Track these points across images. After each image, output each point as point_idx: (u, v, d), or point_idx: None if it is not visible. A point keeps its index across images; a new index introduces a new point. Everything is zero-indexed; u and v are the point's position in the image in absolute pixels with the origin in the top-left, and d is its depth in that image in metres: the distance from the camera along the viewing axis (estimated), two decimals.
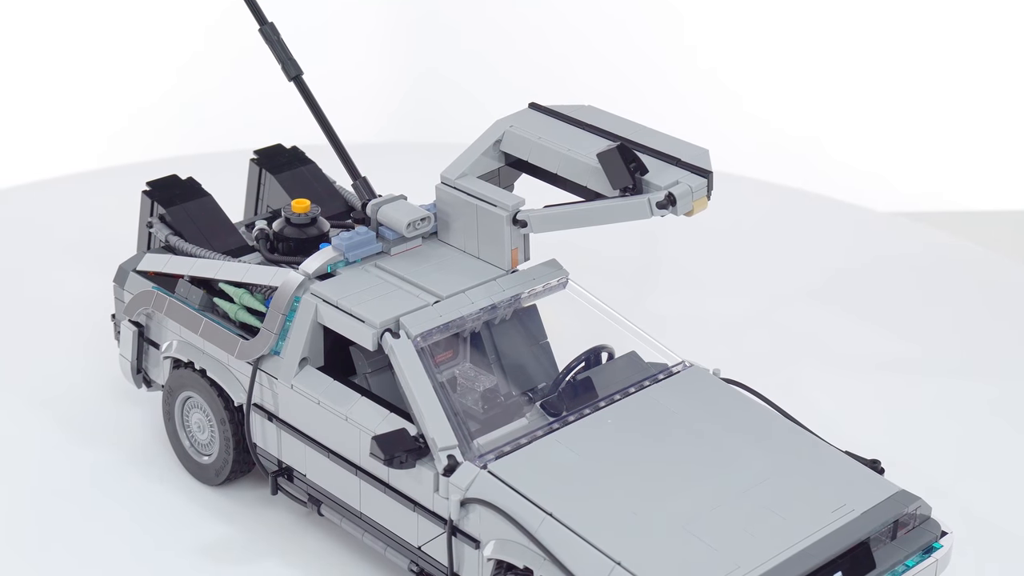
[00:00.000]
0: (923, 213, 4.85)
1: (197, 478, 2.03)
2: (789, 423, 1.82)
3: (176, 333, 1.98)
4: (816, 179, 4.08)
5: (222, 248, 2.03)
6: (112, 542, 1.94)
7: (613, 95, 2.86)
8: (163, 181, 2.12)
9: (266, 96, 3.32)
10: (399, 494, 1.75)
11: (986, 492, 2.07)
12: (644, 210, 1.78)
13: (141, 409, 2.17)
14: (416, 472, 1.72)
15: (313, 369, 1.83)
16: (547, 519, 1.62)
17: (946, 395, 2.31)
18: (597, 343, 1.90)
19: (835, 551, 1.62)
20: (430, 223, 1.91)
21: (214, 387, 1.95)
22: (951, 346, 2.46)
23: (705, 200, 1.81)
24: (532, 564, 1.63)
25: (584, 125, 1.91)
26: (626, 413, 1.79)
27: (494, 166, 1.96)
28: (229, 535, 1.95)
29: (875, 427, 2.19)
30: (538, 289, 1.87)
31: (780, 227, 2.85)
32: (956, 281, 2.67)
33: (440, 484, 1.70)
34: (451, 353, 1.89)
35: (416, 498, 1.74)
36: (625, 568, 1.56)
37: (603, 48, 5.08)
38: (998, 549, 1.97)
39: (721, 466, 1.72)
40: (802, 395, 2.12)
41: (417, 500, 1.74)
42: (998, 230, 4.93)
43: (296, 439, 1.86)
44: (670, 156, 1.83)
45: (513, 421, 1.82)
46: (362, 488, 1.80)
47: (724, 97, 5.12)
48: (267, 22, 2.02)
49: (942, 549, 1.70)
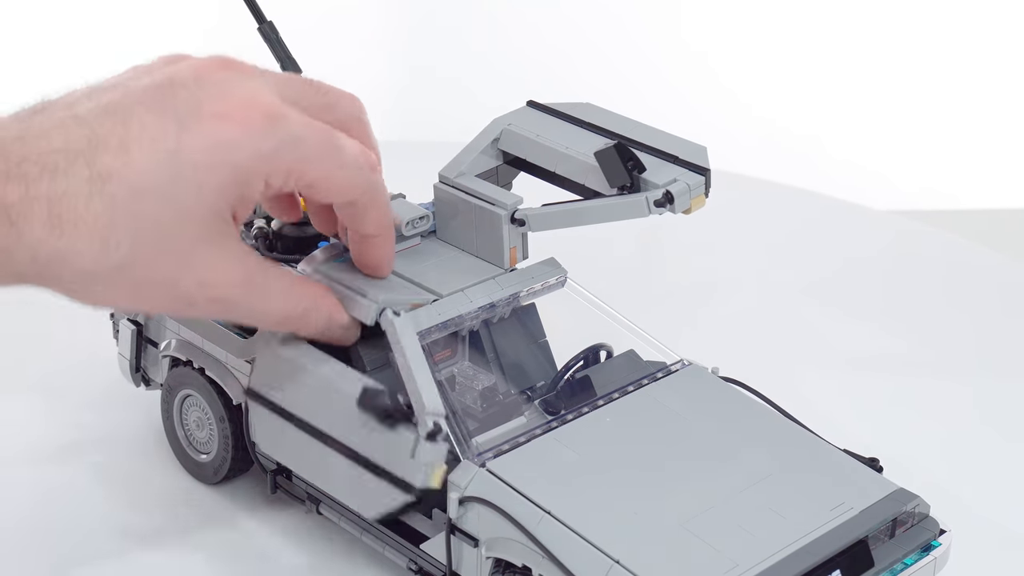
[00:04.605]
0: (922, 211, 4.85)
1: (195, 476, 2.03)
2: (788, 421, 1.82)
3: (175, 332, 1.98)
4: (815, 177, 4.08)
5: None
6: (110, 540, 1.93)
7: (612, 93, 2.86)
8: None
9: None
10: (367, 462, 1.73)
11: (985, 490, 2.07)
12: (642, 208, 1.78)
13: (139, 408, 2.17)
14: (393, 436, 1.70)
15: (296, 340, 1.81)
16: (545, 517, 1.62)
17: (946, 394, 2.30)
18: (596, 341, 1.90)
19: (834, 549, 1.62)
20: (428, 222, 1.91)
21: (213, 385, 1.95)
22: (951, 345, 2.46)
23: (703, 198, 1.81)
24: (531, 562, 1.63)
25: (582, 123, 1.91)
26: (625, 411, 1.79)
27: (492, 164, 1.95)
28: (228, 534, 1.95)
29: (874, 425, 2.19)
30: (537, 288, 1.87)
31: (779, 225, 2.85)
32: (957, 280, 2.67)
33: (418, 449, 1.68)
34: (450, 352, 1.89)
35: (385, 465, 1.71)
36: (623, 566, 1.56)
37: (602, 46, 5.08)
38: (997, 547, 1.97)
39: (719, 464, 1.72)
40: (800, 393, 2.11)
41: (385, 467, 1.71)
42: (999, 229, 4.93)
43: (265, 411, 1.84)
44: (668, 154, 1.83)
45: (512, 420, 1.82)
46: (328, 460, 1.77)
47: (722, 95, 5.12)
48: (266, 20, 2.02)
49: (941, 547, 1.70)
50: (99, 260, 1.46)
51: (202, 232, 1.53)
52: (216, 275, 1.57)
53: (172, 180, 1.48)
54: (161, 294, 1.54)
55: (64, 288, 1.50)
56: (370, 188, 1.68)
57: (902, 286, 2.63)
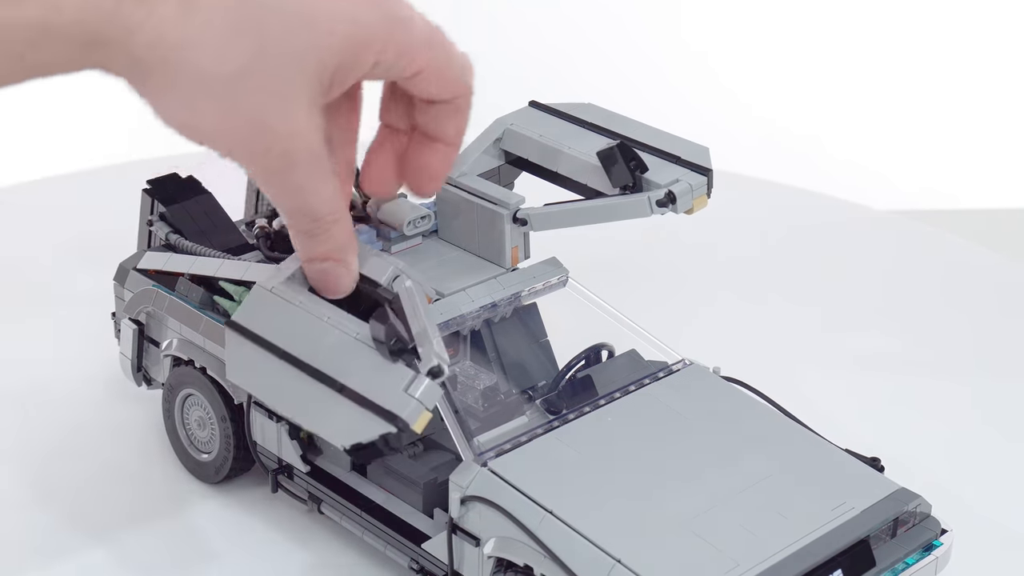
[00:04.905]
0: (922, 211, 4.85)
1: (196, 476, 2.03)
2: (789, 421, 1.82)
3: (176, 331, 1.98)
4: (815, 177, 4.08)
5: (222, 246, 2.03)
6: (110, 539, 1.94)
7: (612, 92, 2.86)
8: (163, 179, 2.12)
9: None
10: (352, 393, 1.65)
11: (986, 489, 2.07)
12: (644, 208, 1.78)
13: (141, 407, 2.17)
14: (390, 368, 1.63)
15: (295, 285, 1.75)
16: (547, 517, 1.62)
17: (947, 393, 2.31)
18: (597, 341, 1.90)
19: (835, 549, 1.62)
20: (430, 221, 1.91)
21: (214, 385, 1.95)
22: (952, 344, 2.46)
23: (705, 198, 1.81)
24: (532, 562, 1.63)
25: (584, 123, 1.91)
26: (626, 411, 1.79)
27: (494, 164, 1.96)
28: (229, 533, 1.95)
29: (875, 425, 2.19)
30: (538, 287, 1.87)
31: (780, 225, 2.85)
32: (956, 280, 2.67)
33: (415, 383, 1.60)
34: (451, 351, 1.89)
35: (373, 396, 1.63)
36: (625, 566, 1.56)
37: (604, 46, 5.08)
38: (999, 546, 1.97)
39: (721, 464, 1.72)
40: (801, 393, 2.11)
41: (372, 398, 1.63)
42: (998, 229, 4.93)
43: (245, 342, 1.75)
44: (670, 154, 1.83)
45: (513, 419, 1.82)
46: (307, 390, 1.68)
47: (722, 95, 5.12)
48: None
49: (942, 547, 1.70)
50: (217, 62, 1.42)
51: (310, 82, 1.51)
52: (304, 128, 1.53)
53: (301, 16, 1.46)
54: (246, 128, 1.50)
55: (167, 91, 1.44)
56: (470, 91, 1.65)
57: (902, 286, 2.63)
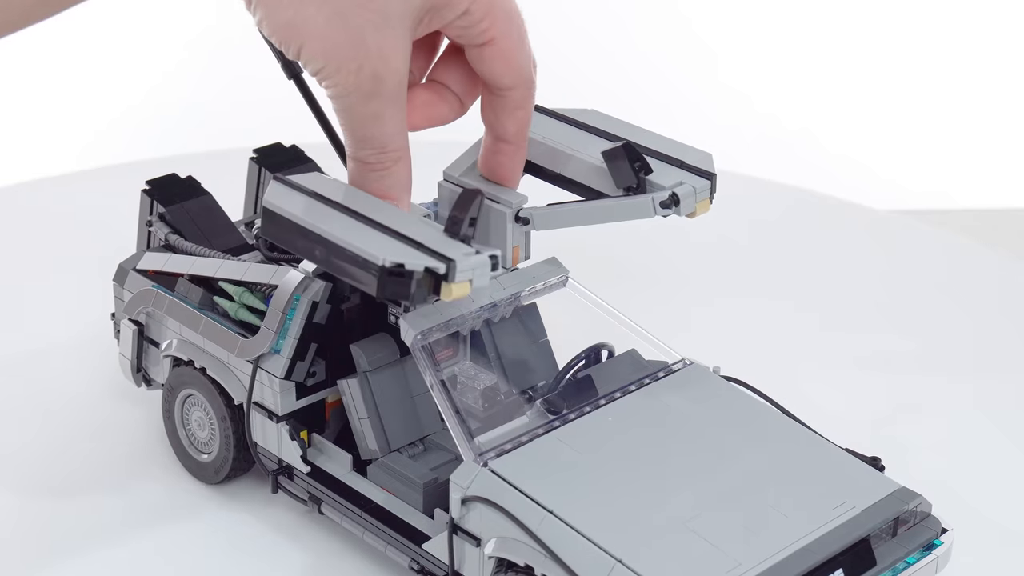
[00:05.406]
0: (922, 211, 4.85)
1: (196, 476, 2.03)
2: (789, 420, 1.82)
3: (176, 332, 1.98)
4: (816, 177, 4.09)
5: (222, 247, 2.03)
6: (111, 540, 1.94)
7: (614, 91, 2.86)
8: (163, 180, 2.12)
9: (266, 95, 3.32)
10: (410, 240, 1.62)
11: (987, 489, 2.07)
12: (647, 209, 1.78)
13: (140, 407, 2.17)
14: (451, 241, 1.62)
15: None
16: (548, 517, 1.62)
17: (947, 392, 2.31)
18: (597, 341, 1.90)
19: (836, 548, 1.62)
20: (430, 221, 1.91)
21: (214, 385, 1.95)
22: (952, 344, 2.46)
23: (708, 202, 1.81)
24: (533, 562, 1.63)
25: (588, 127, 1.92)
26: (626, 411, 1.79)
27: None
28: (229, 534, 1.95)
29: (875, 424, 2.19)
30: (538, 287, 1.87)
31: (781, 225, 2.85)
32: (956, 280, 2.67)
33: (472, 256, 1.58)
34: (451, 351, 1.89)
35: (429, 243, 1.59)
36: (626, 565, 1.56)
37: (609, 49, 5.08)
38: (999, 545, 1.97)
39: (721, 463, 1.72)
40: (802, 392, 2.11)
41: (429, 245, 1.59)
42: (998, 229, 4.93)
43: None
44: (674, 158, 1.83)
45: (514, 419, 1.81)
46: (360, 229, 1.64)
47: (723, 95, 5.12)
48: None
49: (943, 546, 1.70)
50: None
51: (411, 12, 1.59)
52: (397, 55, 1.60)
53: None
54: (345, 40, 1.58)
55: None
56: (532, 84, 1.71)
57: (902, 285, 2.63)
